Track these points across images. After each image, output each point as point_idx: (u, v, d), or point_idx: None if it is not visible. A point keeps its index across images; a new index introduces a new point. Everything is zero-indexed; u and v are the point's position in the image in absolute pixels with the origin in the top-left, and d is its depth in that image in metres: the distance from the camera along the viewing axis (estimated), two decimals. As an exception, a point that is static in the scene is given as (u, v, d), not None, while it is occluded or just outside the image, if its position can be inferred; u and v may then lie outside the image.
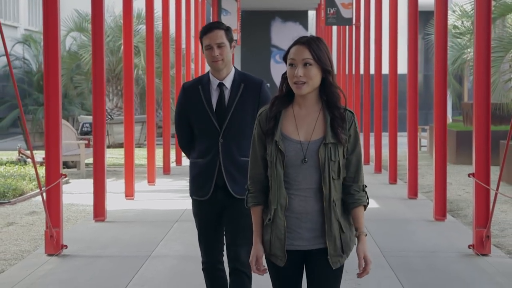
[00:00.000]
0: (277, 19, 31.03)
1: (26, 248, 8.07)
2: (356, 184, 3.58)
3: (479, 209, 7.48)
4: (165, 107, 15.95)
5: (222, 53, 4.61)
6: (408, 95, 11.17)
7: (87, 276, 6.66)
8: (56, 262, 7.15)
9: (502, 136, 15.25)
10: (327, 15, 18.88)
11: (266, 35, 30.84)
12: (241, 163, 4.63)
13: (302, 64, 3.50)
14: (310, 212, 3.53)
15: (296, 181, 3.52)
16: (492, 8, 16.45)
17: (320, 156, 3.50)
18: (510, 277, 6.57)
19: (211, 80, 4.70)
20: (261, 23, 30.15)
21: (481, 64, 7.51)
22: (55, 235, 7.33)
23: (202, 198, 4.68)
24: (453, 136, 17.53)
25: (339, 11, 18.62)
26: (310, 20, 32.13)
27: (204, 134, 4.68)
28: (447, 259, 7.27)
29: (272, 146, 3.54)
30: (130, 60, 11.55)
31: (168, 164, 14.98)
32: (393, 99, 13.14)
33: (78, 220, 9.67)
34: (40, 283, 6.43)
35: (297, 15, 30.83)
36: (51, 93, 7.53)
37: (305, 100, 3.57)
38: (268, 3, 28.01)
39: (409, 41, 11.22)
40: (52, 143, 7.55)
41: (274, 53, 30.91)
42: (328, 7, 18.71)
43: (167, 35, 15.37)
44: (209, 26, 4.69)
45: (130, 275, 6.63)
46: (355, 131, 3.57)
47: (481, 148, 7.52)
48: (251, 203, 3.65)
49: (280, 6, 29.01)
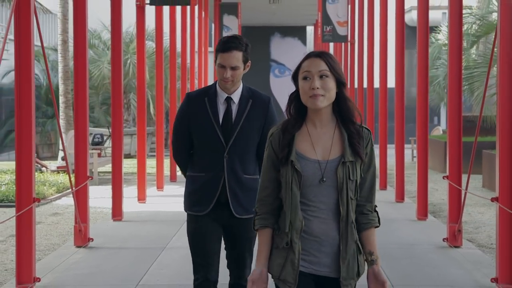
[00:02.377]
0: (277, 34, 31.90)
1: (55, 242, 9.17)
2: (369, 204, 3.42)
3: (452, 206, 8.58)
4: (172, 120, 17.06)
5: (234, 76, 4.47)
6: (396, 109, 12.29)
7: (113, 264, 7.74)
8: (84, 252, 8.24)
9: (487, 146, 16.38)
10: (324, 33, 19.96)
11: (265, 49, 31.69)
12: (244, 180, 4.54)
13: (318, 76, 3.33)
14: (331, 235, 3.33)
15: (313, 202, 3.33)
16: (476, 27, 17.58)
17: (339, 175, 3.31)
18: (476, 264, 7.65)
19: (218, 92, 4.55)
20: (261, 38, 30.80)
21: (453, 81, 8.62)
22: (83, 229, 8.43)
23: (200, 213, 4.56)
24: (442, 146, 18.57)
25: (335, 28, 19.70)
26: (308, 35, 33.14)
27: (207, 148, 4.53)
28: (423, 250, 8.35)
29: (287, 167, 3.34)
30: (142, 76, 12.63)
31: (174, 172, 16.09)
32: (384, 113, 14.22)
33: (97, 220, 10.76)
34: (74, 268, 7.51)
35: (295, 31, 31.73)
36: (79, 106, 8.63)
37: (320, 117, 3.38)
38: (268, 19, 28.90)
39: (396, 56, 12.30)
40: (81, 151, 8.65)
41: (273, 67, 31.85)
42: (325, 25, 19.79)
43: (174, 52, 16.47)
44: (228, 45, 4.45)
45: (150, 262, 7.70)
46: (371, 150, 3.41)
47: (454, 154, 8.62)
48: (259, 225, 3.43)
49: (279, 22, 29.91)
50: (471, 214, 11.44)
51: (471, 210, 11.74)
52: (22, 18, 6.60)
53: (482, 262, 7.74)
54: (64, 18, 19.59)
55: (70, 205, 12.49)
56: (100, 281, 6.96)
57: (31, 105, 6.61)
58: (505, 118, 6.58)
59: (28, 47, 6.62)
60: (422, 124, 10.42)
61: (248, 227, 4.50)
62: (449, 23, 8.73)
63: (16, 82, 6.61)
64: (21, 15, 6.61)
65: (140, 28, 12.63)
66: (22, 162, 6.58)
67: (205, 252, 4.58)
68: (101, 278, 7.09)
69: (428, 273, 7.23)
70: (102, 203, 12.17)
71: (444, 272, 7.29)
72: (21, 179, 6.61)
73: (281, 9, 25.45)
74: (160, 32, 14.41)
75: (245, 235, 4.59)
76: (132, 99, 26.47)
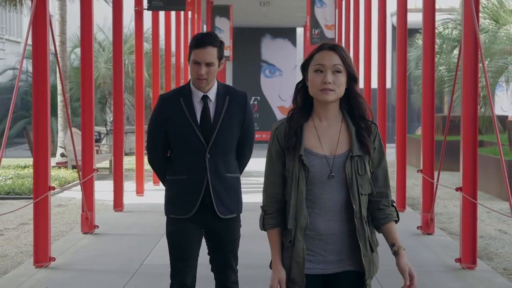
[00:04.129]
0: (267, 35, 32.49)
1: (63, 229, 9.98)
2: (385, 199, 3.33)
3: (425, 197, 9.42)
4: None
5: (209, 73, 4.38)
6: (378, 109, 13.14)
7: (118, 247, 8.56)
8: (91, 238, 9.05)
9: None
10: (312, 35, 20.78)
11: (256, 50, 32.22)
12: (227, 180, 4.46)
13: (331, 70, 3.22)
14: (337, 233, 3.24)
15: (320, 199, 3.22)
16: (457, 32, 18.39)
17: (347, 170, 3.21)
18: (445, 249, 8.49)
19: (193, 91, 4.45)
20: (252, 40, 31.28)
21: (426, 83, 9.47)
22: (89, 217, 9.24)
23: (183, 216, 4.44)
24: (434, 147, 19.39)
25: (322, 31, 20.52)
26: (298, 37, 33.89)
27: (187, 149, 4.42)
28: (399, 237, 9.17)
29: (294, 162, 3.23)
30: (140, 77, 13.44)
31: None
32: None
33: (100, 211, 11.57)
34: (83, 250, 8.33)
35: (286, 32, 32.34)
36: (86, 106, 9.44)
37: (327, 111, 3.28)
38: (259, 21, 29.54)
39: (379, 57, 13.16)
40: (88, 147, 9.48)
41: (264, 68, 32.46)
42: (313, 28, 20.61)
43: (169, 53, 17.28)
44: (203, 41, 4.37)
45: (151, 246, 8.52)
46: (380, 143, 3.32)
47: (427, 150, 9.47)
48: (269, 225, 3.32)
49: (270, 23, 30.55)
50: (447, 206, 12.31)
51: (447, 203, 12.62)
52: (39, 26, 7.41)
53: (451, 246, 8.58)
54: (63, 20, 20.34)
55: (73, 197, 13.31)
56: (108, 261, 7.79)
57: (47, 105, 7.46)
58: (467, 117, 7.44)
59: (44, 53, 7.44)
60: (401, 123, 11.25)
61: (231, 228, 4.52)
62: (423, 28, 9.55)
63: (33, 83, 7.46)
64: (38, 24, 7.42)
65: (138, 32, 13.43)
66: (39, 155, 7.41)
67: (186, 256, 4.47)
68: (109, 259, 7.92)
69: (401, 255, 8.07)
70: (101, 196, 12.96)
71: (416, 255, 8.12)
72: (38, 170, 7.43)
73: (272, 11, 26.10)
74: (156, 35, 15.23)
75: (229, 237, 4.53)
76: (126, 98, 27.23)
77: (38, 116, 7.44)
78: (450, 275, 7.24)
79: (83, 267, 7.52)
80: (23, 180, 14.14)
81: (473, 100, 7.46)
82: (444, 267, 7.59)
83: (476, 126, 7.46)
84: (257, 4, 24.44)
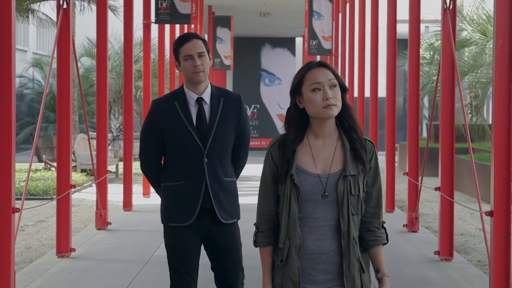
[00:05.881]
0: (267, 45, 33.15)
1: (78, 226, 10.86)
2: (376, 220, 3.27)
3: (410, 198, 10.30)
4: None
5: (203, 63, 4.30)
6: (370, 119, 14.02)
7: (130, 241, 9.43)
8: (104, 233, 9.92)
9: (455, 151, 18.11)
10: (310, 46, 21.63)
11: (256, 59, 32.81)
12: (226, 184, 4.36)
13: (328, 86, 3.19)
14: (326, 252, 3.18)
15: (312, 218, 3.18)
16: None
17: (339, 190, 3.17)
18: (427, 244, 9.35)
19: (187, 94, 4.35)
20: (252, 49, 31.97)
21: (412, 93, 10.35)
22: (103, 214, 10.11)
23: (183, 224, 4.31)
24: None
25: (320, 43, 21.35)
26: (297, 46, 34.71)
27: (184, 153, 4.31)
28: (386, 234, 10.05)
29: (286, 181, 3.20)
30: (148, 85, 14.33)
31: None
32: (361, 120, 15.97)
33: (110, 210, 12.43)
34: (98, 244, 9.20)
35: (285, 41, 33.02)
36: (101, 114, 10.31)
37: (324, 128, 3.24)
38: (259, 31, 30.18)
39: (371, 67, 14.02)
40: (102, 151, 10.33)
41: (263, 77, 33.18)
42: (311, 39, 21.45)
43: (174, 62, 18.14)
44: (186, 36, 4.36)
45: (160, 240, 9.26)
46: (375, 163, 3.27)
47: (412, 155, 10.35)
48: (261, 244, 3.28)
49: (269, 33, 31.18)
50: (433, 208, 13.19)
51: (433, 206, 13.49)
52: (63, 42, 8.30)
53: (433, 242, 9.43)
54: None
55: (84, 198, 14.19)
56: (123, 253, 8.66)
57: (69, 114, 8.37)
58: (445, 125, 8.31)
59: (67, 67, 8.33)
60: (390, 131, 12.13)
61: (231, 234, 4.41)
62: (409, 39, 10.36)
63: (58, 94, 8.35)
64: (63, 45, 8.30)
65: (146, 43, 14.34)
66: (62, 159, 8.30)
67: (185, 267, 4.34)
68: (123, 250, 8.79)
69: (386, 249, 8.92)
70: (110, 197, 13.79)
71: (400, 249, 8.99)
72: (61, 171, 8.32)
73: (271, 22, 26.83)
74: (162, 46, 16.14)
75: (229, 244, 4.40)
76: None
77: (61, 125, 8.33)
78: (429, 266, 8.11)
79: (100, 257, 8.39)
80: (36, 183, 15.01)
81: (450, 111, 8.32)
82: (424, 259, 8.47)
83: (453, 134, 8.33)
84: (257, 15, 25.21)
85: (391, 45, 12.08)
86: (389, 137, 12.18)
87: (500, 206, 6.27)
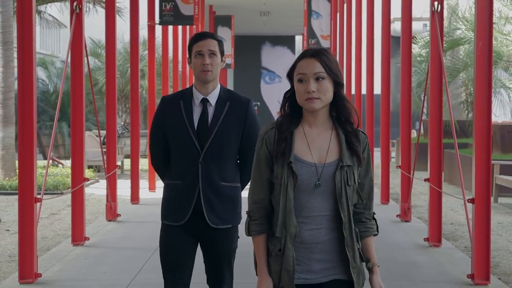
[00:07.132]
0: (267, 43, 33.59)
1: (88, 218, 11.46)
2: (368, 211, 3.31)
3: (403, 189, 10.91)
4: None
5: (213, 63, 4.25)
6: (366, 115, 14.62)
7: (140, 231, 10.04)
8: (114, 224, 10.53)
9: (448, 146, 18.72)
10: (309, 45, 22.22)
11: (256, 58, 33.23)
12: (221, 188, 4.28)
13: (313, 78, 3.15)
14: (321, 241, 3.19)
15: (306, 208, 3.17)
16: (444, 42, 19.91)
17: (337, 180, 3.16)
18: (419, 232, 9.93)
19: (194, 94, 4.31)
20: (252, 47, 32.59)
21: (404, 91, 10.94)
22: (113, 207, 10.72)
23: (176, 223, 4.28)
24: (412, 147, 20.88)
25: (319, 41, 21.93)
26: (297, 44, 35.23)
27: (182, 153, 4.29)
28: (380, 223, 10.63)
29: (283, 168, 3.16)
30: (153, 83, 14.94)
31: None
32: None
33: (118, 203, 13.04)
34: (110, 233, 9.81)
35: (285, 40, 33.48)
36: (110, 113, 10.90)
37: (316, 118, 3.22)
38: (259, 30, 30.67)
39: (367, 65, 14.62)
40: (111, 148, 10.92)
41: (264, 75, 33.68)
42: (310, 38, 22.04)
43: (177, 61, 18.77)
44: (202, 34, 4.32)
45: (167, 231, 9.98)
46: (368, 155, 3.27)
47: (405, 149, 10.95)
48: (255, 232, 3.26)
49: (270, 31, 31.59)
50: (427, 200, 13.72)
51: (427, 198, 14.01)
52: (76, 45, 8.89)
53: (423, 231, 10.02)
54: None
55: (92, 193, 14.79)
56: (133, 241, 9.26)
57: (82, 114, 8.94)
58: (434, 121, 8.91)
59: (80, 70, 8.93)
60: (385, 126, 12.73)
61: (226, 239, 4.36)
62: (401, 37, 10.94)
63: (72, 95, 8.93)
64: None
65: (151, 44, 14.94)
66: (76, 154, 8.89)
67: (177, 266, 4.31)
68: (133, 239, 9.40)
69: (379, 237, 9.52)
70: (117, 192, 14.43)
71: (392, 236, 9.59)
72: (75, 165, 8.91)
73: (271, 20, 27.31)
74: (166, 46, 16.75)
75: (223, 248, 4.35)
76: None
77: (75, 123, 8.91)
78: (418, 251, 8.71)
79: (112, 245, 9.00)
80: (47, 178, 15.60)
81: (438, 107, 8.92)
82: (414, 245, 9.07)
83: (441, 128, 8.93)
84: (257, 14, 25.71)
85: (385, 43, 12.65)
86: (384, 132, 12.77)
87: (481, 193, 6.91)
